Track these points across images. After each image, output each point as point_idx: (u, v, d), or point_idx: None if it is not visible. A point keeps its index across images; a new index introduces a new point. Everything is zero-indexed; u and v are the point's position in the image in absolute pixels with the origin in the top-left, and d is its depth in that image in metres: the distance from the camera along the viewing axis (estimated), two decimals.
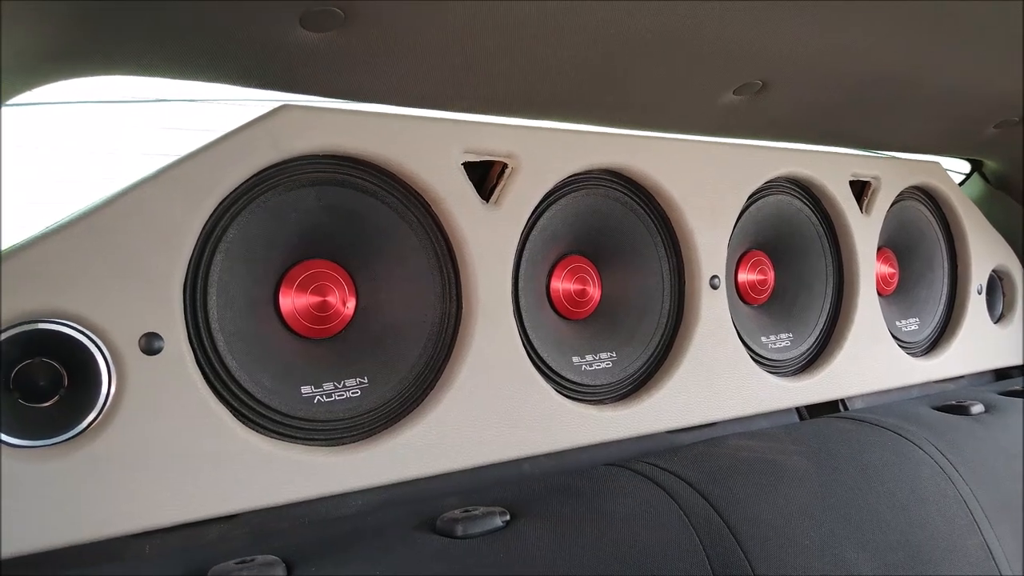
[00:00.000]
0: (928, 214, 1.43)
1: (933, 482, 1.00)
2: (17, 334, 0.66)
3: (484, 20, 0.76)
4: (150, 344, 0.69)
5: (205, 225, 0.74)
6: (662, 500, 0.83)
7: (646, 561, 0.75)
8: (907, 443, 1.05)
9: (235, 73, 0.76)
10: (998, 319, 1.53)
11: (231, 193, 0.76)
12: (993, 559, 0.96)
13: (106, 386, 0.68)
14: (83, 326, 0.67)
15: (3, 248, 0.68)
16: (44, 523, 0.66)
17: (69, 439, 0.67)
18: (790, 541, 0.83)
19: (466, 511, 0.76)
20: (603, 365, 1.03)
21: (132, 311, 0.69)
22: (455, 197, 0.88)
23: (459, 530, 0.73)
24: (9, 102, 0.72)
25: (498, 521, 0.75)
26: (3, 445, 0.65)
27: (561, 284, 1.05)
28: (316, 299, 0.84)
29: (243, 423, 0.75)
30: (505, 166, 0.93)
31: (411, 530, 0.74)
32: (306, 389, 0.81)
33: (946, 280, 1.45)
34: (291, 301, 0.83)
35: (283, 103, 0.78)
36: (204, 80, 0.76)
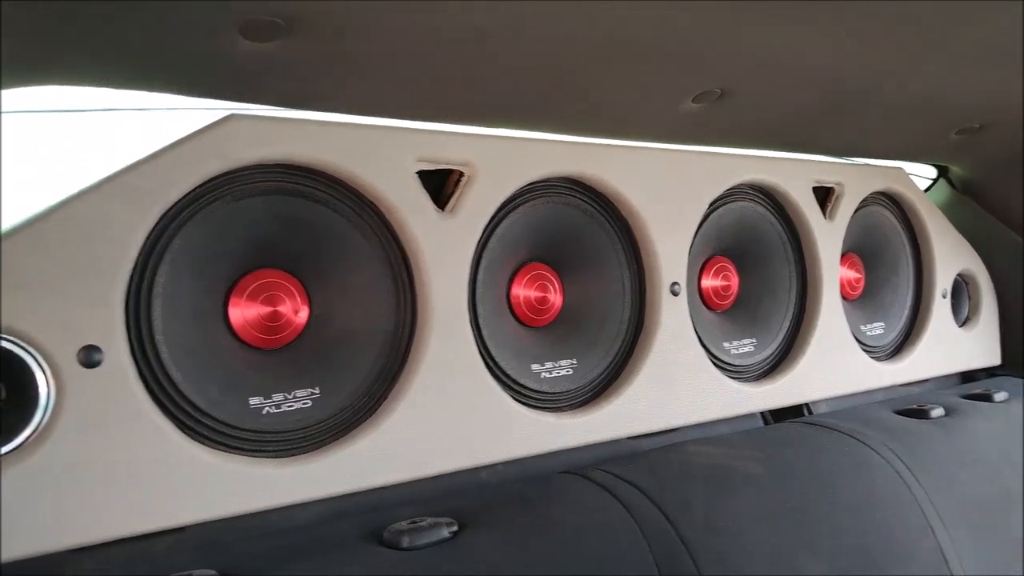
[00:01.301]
0: (893, 219, 1.44)
1: (889, 486, 1.01)
2: None
3: (436, 30, 0.76)
4: (89, 357, 0.68)
5: (149, 235, 0.74)
6: (614, 509, 0.84)
7: (594, 570, 0.75)
8: (865, 448, 1.06)
9: (180, 83, 0.76)
10: (963, 323, 1.54)
11: (176, 203, 0.75)
12: (946, 562, 0.97)
13: (44, 399, 0.67)
14: (20, 339, 0.67)
15: None
16: None
17: (7, 453, 0.67)
18: (741, 548, 0.83)
19: (413, 522, 0.76)
20: (563, 372, 1.03)
21: (71, 324, 0.68)
22: (409, 206, 0.88)
23: (405, 542, 0.73)
24: None
25: (445, 532, 0.75)
26: None
27: (522, 291, 1.05)
28: (267, 309, 0.83)
29: (187, 435, 0.75)
30: (461, 174, 0.93)
31: (357, 542, 0.74)
32: (255, 400, 0.80)
33: (911, 284, 1.46)
34: (241, 311, 0.82)
35: (231, 112, 0.78)
36: (147, 90, 0.75)
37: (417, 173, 0.89)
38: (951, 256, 1.49)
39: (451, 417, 0.89)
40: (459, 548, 0.74)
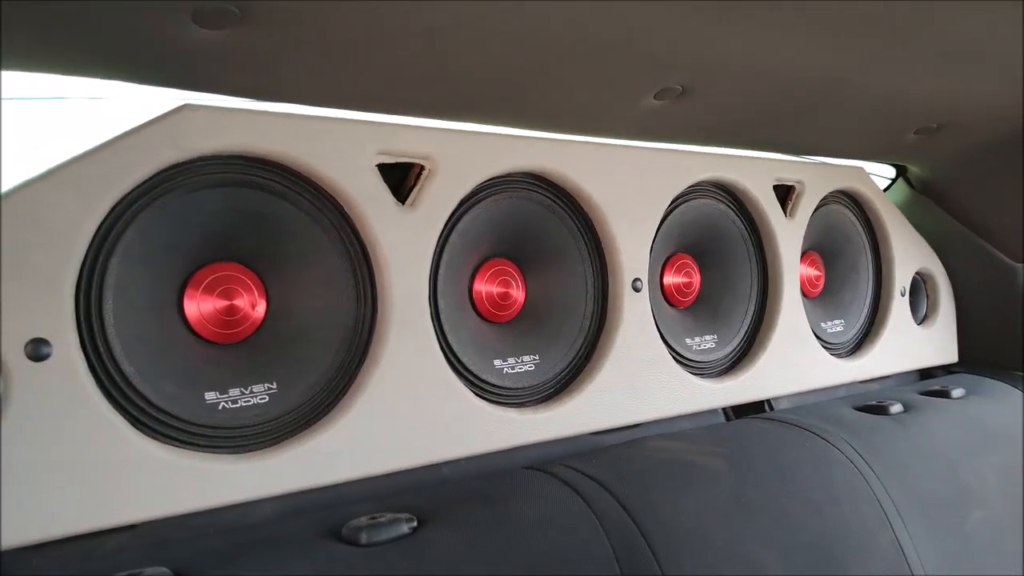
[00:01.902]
0: (853, 218, 1.45)
1: (848, 481, 1.02)
2: None
3: (396, 22, 0.75)
4: (37, 350, 0.67)
5: (100, 226, 0.72)
6: (575, 503, 0.83)
7: (555, 565, 0.75)
8: (824, 443, 1.07)
9: (131, 71, 0.74)
10: (921, 320, 1.57)
11: (129, 193, 0.74)
12: (904, 556, 0.98)
13: None
14: None
15: None
16: None
17: None
18: (700, 542, 0.84)
19: (372, 518, 0.75)
20: (526, 368, 1.03)
21: (18, 316, 0.66)
22: (368, 199, 0.87)
23: (363, 538, 0.72)
24: None
25: (404, 528, 0.74)
26: None
27: (484, 287, 1.04)
28: (223, 303, 0.82)
29: (140, 431, 0.73)
30: (422, 168, 0.93)
31: (315, 539, 0.73)
32: (211, 395, 0.79)
33: (871, 282, 1.48)
34: (196, 305, 0.81)
35: (186, 102, 0.77)
36: (98, 77, 0.74)
37: (377, 166, 0.88)
38: (909, 255, 1.52)
39: (412, 413, 0.89)
40: (418, 544, 0.73)
